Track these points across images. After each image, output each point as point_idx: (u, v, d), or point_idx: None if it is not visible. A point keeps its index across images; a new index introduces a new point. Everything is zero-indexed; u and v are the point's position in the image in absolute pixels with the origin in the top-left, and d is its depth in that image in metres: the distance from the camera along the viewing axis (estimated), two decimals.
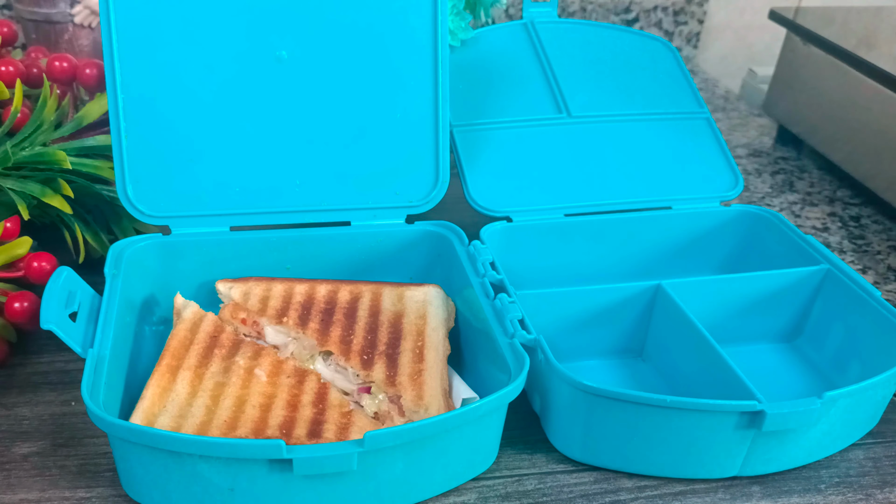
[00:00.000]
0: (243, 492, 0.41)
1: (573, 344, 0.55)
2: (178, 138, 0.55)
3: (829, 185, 0.87)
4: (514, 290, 0.51)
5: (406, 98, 0.57)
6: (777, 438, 0.46)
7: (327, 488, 0.41)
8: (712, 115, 0.82)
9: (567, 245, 0.61)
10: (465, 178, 0.61)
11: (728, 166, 0.65)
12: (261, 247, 0.57)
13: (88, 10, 0.80)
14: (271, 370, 0.48)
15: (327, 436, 0.43)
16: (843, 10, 0.97)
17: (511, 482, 0.47)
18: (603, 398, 0.44)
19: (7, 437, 0.48)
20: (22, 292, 0.53)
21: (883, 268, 0.71)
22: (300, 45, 0.55)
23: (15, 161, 0.57)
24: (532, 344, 0.47)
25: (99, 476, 0.46)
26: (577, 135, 0.65)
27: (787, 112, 0.94)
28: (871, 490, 0.47)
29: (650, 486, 0.47)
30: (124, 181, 0.54)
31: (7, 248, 0.55)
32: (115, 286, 0.50)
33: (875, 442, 0.51)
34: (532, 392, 0.50)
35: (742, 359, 0.54)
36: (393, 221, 0.59)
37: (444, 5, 0.56)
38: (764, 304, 0.57)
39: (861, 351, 0.53)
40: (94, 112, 0.61)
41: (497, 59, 0.68)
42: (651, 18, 1.19)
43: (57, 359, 0.55)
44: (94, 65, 0.61)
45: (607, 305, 0.55)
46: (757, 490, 0.47)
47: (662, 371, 0.55)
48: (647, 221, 0.62)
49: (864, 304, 0.53)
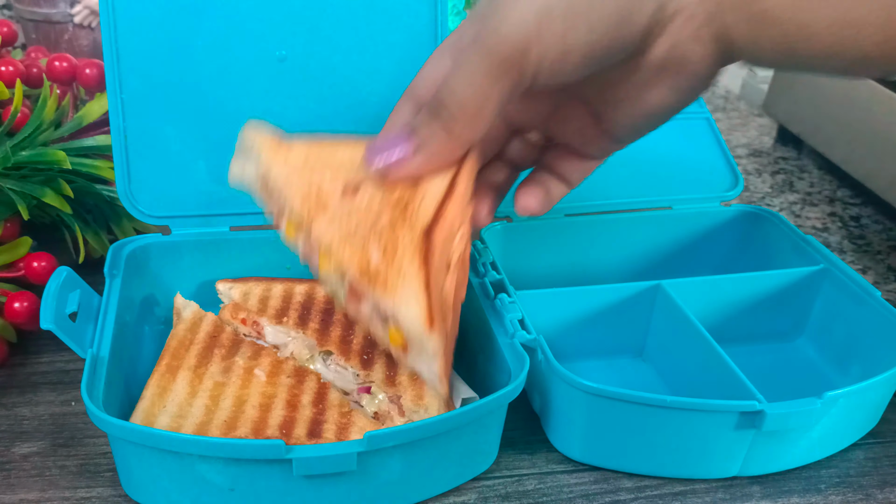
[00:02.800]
0: (243, 492, 0.41)
1: (573, 344, 0.55)
2: (178, 138, 0.55)
3: (829, 185, 0.87)
4: (513, 290, 0.51)
5: None
6: (777, 438, 0.46)
7: (327, 488, 0.41)
8: (712, 115, 0.82)
9: (567, 245, 0.61)
10: None
11: (728, 166, 0.65)
12: (261, 247, 0.57)
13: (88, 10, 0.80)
14: (271, 370, 0.48)
15: (327, 436, 0.43)
16: None
17: (511, 482, 0.47)
18: (603, 398, 0.44)
19: (7, 437, 0.48)
20: (22, 292, 0.53)
21: (883, 268, 0.72)
22: (300, 45, 0.55)
23: (15, 161, 0.57)
24: (532, 344, 0.47)
25: (99, 476, 0.46)
26: None
27: (787, 112, 0.94)
28: (871, 490, 0.47)
29: (650, 486, 0.47)
30: (124, 181, 0.54)
31: (7, 248, 0.55)
32: (115, 286, 0.50)
33: (875, 442, 0.51)
34: (532, 392, 0.50)
35: (742, 359, 0.54)
36: None
37: (444, 5, 0.56)
38: (764, 303, 0.57)
39: (861, 351, 0.53)
40: (94, 112, 0.61)
41: None
42: None
43: (57, 359, 0.55)
44: (94, 65, 0.61)
45: (607, 305, 0.55)
46: (757, 490, 0.47)
47: (662, 371, 0.55)
48: (647, 221, 0.62)
49: (863, 304, 0.53)
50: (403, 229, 0.41)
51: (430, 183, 0.42)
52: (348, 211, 0.41)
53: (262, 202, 0.45)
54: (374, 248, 0.40)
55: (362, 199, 0.42)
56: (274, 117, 0.56)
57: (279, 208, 0.43)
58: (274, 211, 0.44)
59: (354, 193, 0.42)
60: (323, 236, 0.41)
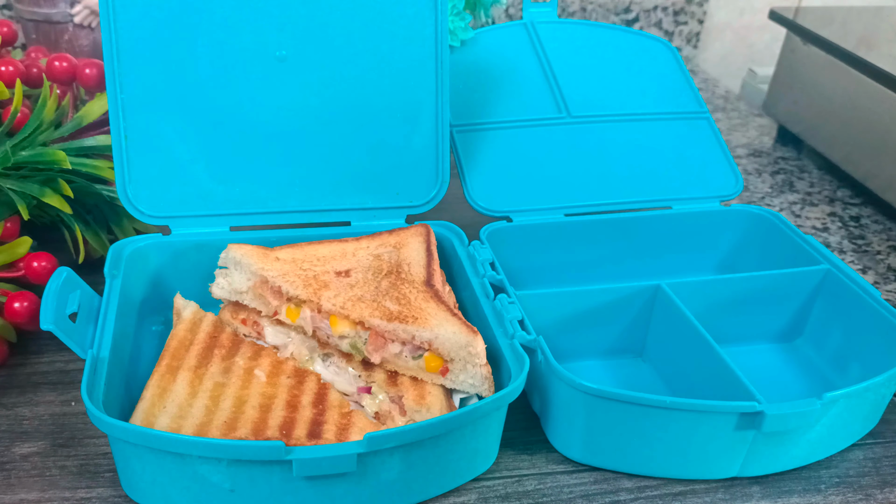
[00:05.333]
0: (243, 493, 0.41)
1: (573, 344, 0.55)
2: (178, 138, 0.55)
3: (829, 185, 0.87)
4: (513, 291, 0.51)
5: (406, 98, 0.57)
6: (777, 439, 0.46)
7: (327, 489, 0.41)
8: (712, 115, 0.82)
9: (567, 245, 0.61)
10: (465, 178, 0.61)
11: (728, 166, 0.65)
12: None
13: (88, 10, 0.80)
14: (271, 370, 0.48)
15: (327, 437, 0.43)
16: (843, 10, 0.97)
17: (511, 483, 0.47)
18: (603, 399, 0.44)
19: (7, 437, 0.48)
20: (22, 292, 0.53)
21: (883, 268, 0.71)
22: (300, 45, 0.55)
23: (15, 161, 0.57)
24: (532, 345, 0.47)
25: (99, 476, 0.46)
26: (577, 135, 0.65)
27: (787, 112, 0.94)
28: (871, 490, 0.47)
29: (650, 486, 0.47)
30: (125, 181, 0.54)
31: (7, 248, 0.55)
32: (115, 286, 0.50)
33: (875, 442, 0.51)
34: (532, 392, 0.50)
35: (742, 359, 0.54)
36: (393, 222, 0.58)
37: (444, 5, 0.56)
38: (764, 304, 0.57)
39: (861, 351, 0.53)
40: (94, 112, 0.61)
41: (497, 60, 0.68)
42: (651, 18, 1.19)
43: (57, 359, 0.55)
44: (94, 65, 0.61)
45: (607, 305, 0.55)
46: (757, 490, 0.47)
47: (662, 371, 0.55)
48: (647, 221, 0.62)
49: (864, 305, 0.53)
50: (405, 287, 0.50)
51: (410, 249, 0.53)
52: (347, 285, 0.50)
53: (255, 304, 0.50)
54: (389, 302, 0.48)
55: (356, 276, 0.50)
56: (274, 117, 0.56)
57: (277, 302, 0.49)
58: (271, 305, 0.49)
59: (347, 275, 0.50)
60: (334, 304, 0.48)
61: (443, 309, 0.48)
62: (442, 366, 0.46)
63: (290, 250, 0.53)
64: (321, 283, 0.49)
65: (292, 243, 0.54)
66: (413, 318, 0.47)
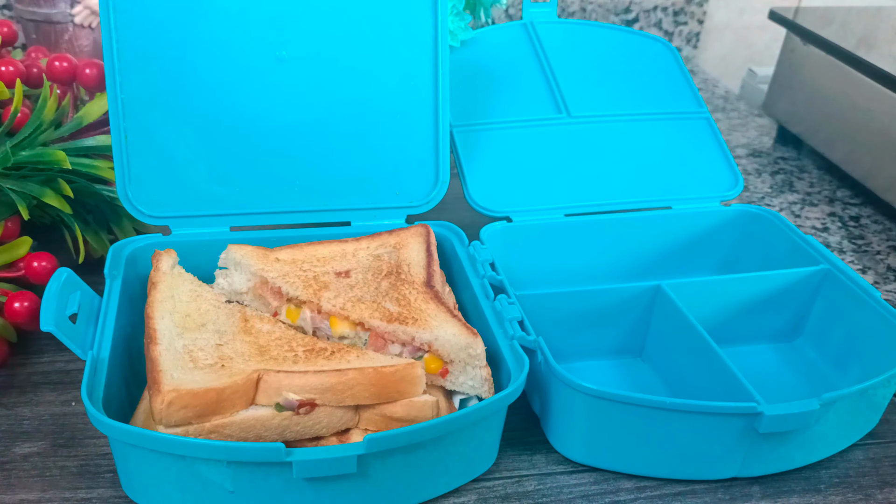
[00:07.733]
0: (243, 494, 0.41)
1: (573, 344, 0.55)
2: (178, 138, 0.55)
3: (828, 185, 0.87)
4: (513, 291, 0.51)
5: (406, 98, 0.57)
6: (776, 439, 0.46)
7: (327, 491, 0.41)
8: (712, 115, 0.82)
9: (567, 245, 0.61)
10: (465, 178, 0.61)
11: (728, 166, 0.65)
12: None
13: (88, 10, 0.80)
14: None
15: (327, 438, 0.43)
16: (843, 10, 0.97)
17: (511, 483, 0.47)
18: (602, 400, 0.44)
19: (7, 437, 0.48)
20: (22, 292, 0.53)
21: (883, 268, 0.72)
22: (300, 45, 0.55)
23: (15, 161, 0.56)
24: (532, 345, 0.47)
25: (99, 477, 0.46)
26: (577, 135, 0.65)
27: (787, 112, 0.94)
28: (871, 490, 0.47)
29: (650, 486, 0.47)
30: (125, 181, 0.54)
31: (7, 248, 0.55)
32: (115, 287, 0.50)
33: (875, 442, 0.51)
34: (532, 393, 0.50)
35: (742, 359, 0.54)
36: (393, 222, 0.58)
37: (444, 6, 0.56)
38: (764, 304, 0.57)
39: (861, 351, 0.53)
40: (94, 112, 0.61)
41: (497, 60, 0.68)
42: (651, 18, 1.19)
43: (57, 359, 0.55)
44: (94, 65, 0.61)
45: (607, 306, 0.55)
46: (757, 490, 0.47)
47: (662, 372, 0.55)
48: (647, 221, 0.62)
49: (863, 305, 0.53)
50: (405, 288, 0.49)
51: (410, 250, 0.53)
52: (347, 286, 0.49)
53: (255, 304, 0.50)
54: (389, 303, 0.48)
55: (356, 277, 0.50)
56: (274, 117, 0.56)
57: (277, 302, 0.49)
58: (271, 305, 0.49)
59: (347, 276, 0.50)
60: (334, 305, 0.47)
61: (443, 310, 0.48)
62: (442, 367, 0.46)
63: (290, 251, 0.53)
64: (321, 283, 0.49)
65: (292, 244, 0.54)
66: (413, 319, 0.47)
